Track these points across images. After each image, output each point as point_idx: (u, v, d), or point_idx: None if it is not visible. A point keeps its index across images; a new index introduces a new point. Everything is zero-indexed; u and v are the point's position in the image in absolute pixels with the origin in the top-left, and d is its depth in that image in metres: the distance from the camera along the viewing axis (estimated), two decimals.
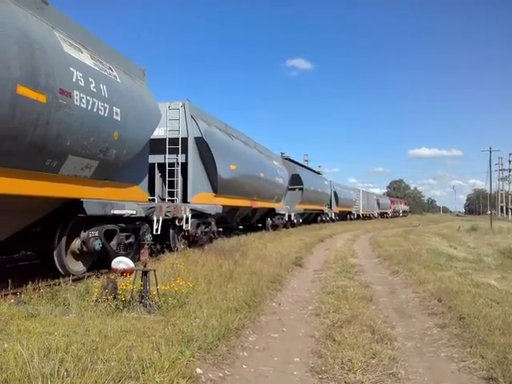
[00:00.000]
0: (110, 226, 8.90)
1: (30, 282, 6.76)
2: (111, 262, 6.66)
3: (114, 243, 9.07)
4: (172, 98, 13.54)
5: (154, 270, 6.26)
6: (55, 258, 7.92)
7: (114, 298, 5.97)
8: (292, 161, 30.56)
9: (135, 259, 8.66)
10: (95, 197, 8.22)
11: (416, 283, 9.32)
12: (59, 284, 6.95)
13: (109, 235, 8.91)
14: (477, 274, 10.47)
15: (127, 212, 9.14)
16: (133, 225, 9.88)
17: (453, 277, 9.72)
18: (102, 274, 8.27)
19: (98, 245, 8.33)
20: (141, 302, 5.90)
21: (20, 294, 6.58)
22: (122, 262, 6.37)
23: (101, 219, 8.53)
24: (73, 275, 8.06)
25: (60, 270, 7.97)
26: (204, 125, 13.90)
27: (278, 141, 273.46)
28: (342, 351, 4.86)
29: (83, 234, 8.22)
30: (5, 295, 6.33)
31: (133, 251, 9.61)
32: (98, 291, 6.18)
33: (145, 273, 6.09)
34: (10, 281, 6.61)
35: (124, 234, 9.48)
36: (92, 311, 5.61)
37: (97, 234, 8.41)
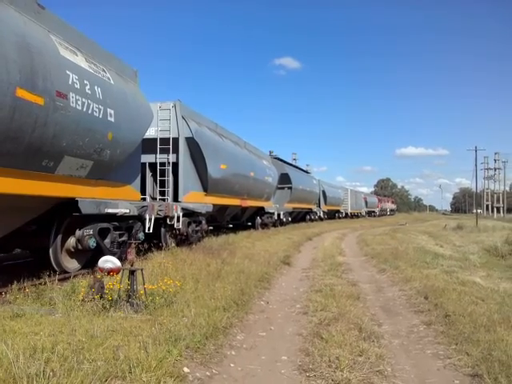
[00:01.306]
0: (104, 225, 9.05)
1: (15, 282, 6.69)
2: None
3: (107, 241, 9.19)
4: (158, 95, 13.58)
5: (142, 269, 6.23)
6: (51, 256, 8.07)
7: (101, 297, 5.93)
8: (281, 160, 30.71)
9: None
10: (90, 196, 8.39)
11: (402, 281, 9.40)
12: (45, 283, 6.88)
13: (103, 233, 9.04)
14: (462, 271, 10.60)
15: (121, 211, 9.29)
16: (126, 223, 10.04)
17: (439, 275, 9.83)
18: (95, 271, 8.25)
19: (92, 243, 8.51)
20: (128, 302, 5.87)
21: (5, 293, 6.51)
22: (108, 262, 6.31)
23: (95, 218, 8.69)
24: (68, 272, 8.19)
25: (55, 267, 8.09)
26: (195, 125, 13.95)
27: (266, 139, 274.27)
28: (330, 349, 4.89)
29: (78, 233, 8.38)
30: None
31: (126, 249, 9.66)
32: (85, 291, 6.14)
33: (132, 272, 6.06)
34: None
35: (117, 232, 9.62)
36: (78, 311, 5.56)
37: (91, 233, 8.56)
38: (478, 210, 67.37)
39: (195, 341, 4.72)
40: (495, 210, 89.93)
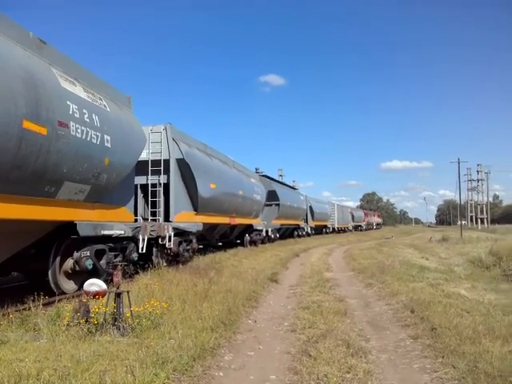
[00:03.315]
0: (100, 246, 9.31)
1: None
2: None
3: (103, 262, 9.40)
4: (143, 114, 13.75)
5: (128, 292, 6.20)
6: (50, 278, 8.33)
7: (87, 321, 5.87)
8: (268, 177, 30.97)
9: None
10: (87, 219, 8.80)
11: (389, 295, 9.46)
12: (29, 309, 6.79)
13: (99, 255, 9.24)
14: (448, 284, 10.69)
15: (116, 232, 9.63)
16: (120, 244, 10.34)
17: (425, 288, 9.91)
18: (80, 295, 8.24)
19: (89, 264, 8.74)
20: (114, 325, 5.82)
21: None
22: (94, 285, 6.26)
23: (91, 240, 8.95)
24: (65, 293, 8.41)
25: (54, 288, 8.32)
26: (185, 146, 14.28)
27: (252, 156, 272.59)
28: (318, 366, 4.90)
29: (76, 254, 8.63)
30: None
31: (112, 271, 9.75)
32: (70, 315, 6.07)
33: (118, 294, 6.02)
34: None
35: (112, 253, 9.83)
36: (64, 336, 5.50)
37: (88, 254, 8.78)
38: (463, 222, 68.17)
39: (183, 363, 4.70)
40: (479, 221, 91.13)
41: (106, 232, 9.28)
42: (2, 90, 6.07)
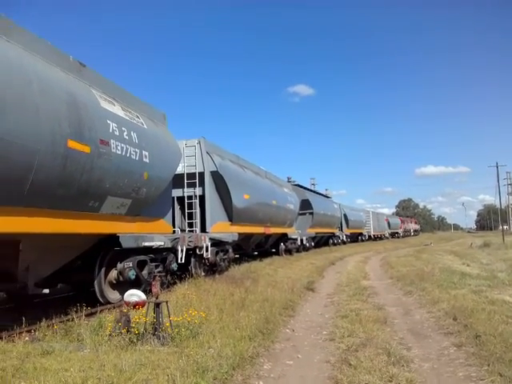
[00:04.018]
0: (142, 257, 9.69)
1: (44, 319, 6.81)
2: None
3: (145, 272, 9.77)
4: (173, 126, 14.04)
5: (167, 302, 6.29)
6: (96, 288, 8.73)
7: (128, 331, 5.99)
8: (301, 186, 31.00)
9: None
10: (129, 231, 9.14)
11: (430, 303, 9.23)
12: (72, 319, 6.99)
13: (140, 265, 9.63)
14: (491, 290, 10.34)
15: (156, 243, 10.00)
16: (160, 255, 10.72)
17: (467, 295, 9.62)
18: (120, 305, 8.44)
19: (132, 275, 9.17)
20: (154, 335, 5.91)
21: (34, 331, 6.62)
22: (134, 295, 6.40)
23: (133, 251, 9.33)
24: (108, 304, 8.73)
25: (100, 298, 8.76)
26: (218, 159, 14.64)
27: (283, 165, 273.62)
28: (359, 375, 4.82)
29: (119, 265, 9.02)
30: (19, 333, 6.36)
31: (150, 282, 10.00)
32: (112, 325, 6.21)
33: (157, 305, 6.13)
34: (23, 318, 6.66)
35: (153, 263, 10.19)
36: (106, 346, 5.63)
37: (131, 265, 9.17)
38: (504, 227, 65.79)
39: (222, 372, 4.72)
40: None
41: (147, 243, 9.62)
42: (48, 113, 6.45)
